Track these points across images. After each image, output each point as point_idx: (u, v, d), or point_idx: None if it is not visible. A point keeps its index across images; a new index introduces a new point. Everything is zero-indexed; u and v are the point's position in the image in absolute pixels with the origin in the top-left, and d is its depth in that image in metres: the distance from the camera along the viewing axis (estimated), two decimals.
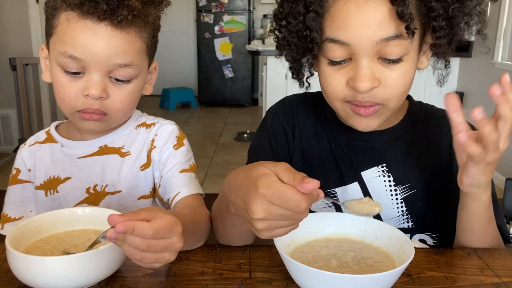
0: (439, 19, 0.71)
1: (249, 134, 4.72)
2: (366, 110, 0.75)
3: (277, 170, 0.56)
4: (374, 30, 0.69)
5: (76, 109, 0.84)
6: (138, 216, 0.58)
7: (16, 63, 3.64)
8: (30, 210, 0.98)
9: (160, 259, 0.60)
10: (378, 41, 0.69)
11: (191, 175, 0.93)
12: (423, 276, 0.71)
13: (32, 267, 0.61)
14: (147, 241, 0.57)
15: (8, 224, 0.97)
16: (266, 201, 0.54)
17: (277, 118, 0.92)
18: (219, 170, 3.73)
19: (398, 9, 0.67)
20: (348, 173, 0.88)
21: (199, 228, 0.80)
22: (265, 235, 0.57)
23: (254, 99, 6.48)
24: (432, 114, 0.90)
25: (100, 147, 0.94)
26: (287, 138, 0.91)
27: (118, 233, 0.56)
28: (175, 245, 0.60)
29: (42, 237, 0.72)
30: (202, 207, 0.88)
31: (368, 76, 0.71)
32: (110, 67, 0.82)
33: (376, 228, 0.74)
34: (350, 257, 0.70)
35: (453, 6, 0.71)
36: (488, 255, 0.78)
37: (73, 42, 0.80)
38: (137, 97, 0.90)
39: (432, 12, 0.71)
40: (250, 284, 0.68)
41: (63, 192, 0.94)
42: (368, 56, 0.71)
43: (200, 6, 6.10)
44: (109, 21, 0.79)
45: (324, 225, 0.76)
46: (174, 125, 0.98)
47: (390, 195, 0.87)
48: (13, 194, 0.98)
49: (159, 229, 0.57)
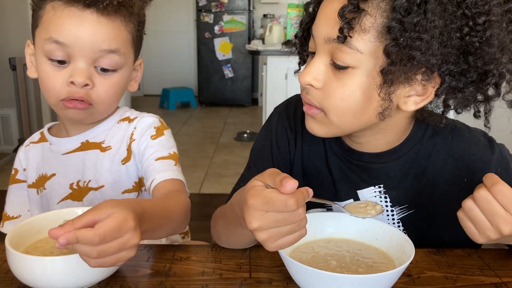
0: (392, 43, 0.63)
1: (249, 134, 4.72)
2: (307, 108, 0.75)
3: (263, 178, 0.58)
4: (326, 27, 0.68)
5: (60, 98, 0.84)
6: (81, 222, 0.55)
7: (16, 63, 3.64)
8: (27, 210, 0.99)
9: (120, 259, 0.58)
10: (326, 39, 0.68)
11: (168, 162, 0.90)
12: (423, 276, 0.71)
13: (32, 267, 0.61)
14: (97, 248, 0.54)
15: (7, 222, 0.99)
16: (257, 210, 0.56)
17: (282, 122, 0.90)
18: (219, 170, 3.73)
19: (340, 9, 0.65)
20: (344, 190, 0.85)
21: (170, 213, 0.77)
22: (271, 247, 0.58)
23: (254, 99, 6.47)
24: (440, 129, 0.82)
25: (82, 143, 0.94)
26: (289, 146, 0.89)
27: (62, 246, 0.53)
28: (130, 242, 0.57)
29: (42, 237, 0.72)
30: (180, 192, 0.85)
31: (311, 72, 0.71)
32: (97, 54, 0.82)
33: (376, 229, 0.74)
34: (349, 258, 0.70)
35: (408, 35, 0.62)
36: (488, 255, 0.78)
37: (59, 29, 0.80)
38: (121, 90, 0.90)
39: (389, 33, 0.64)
40: (250, 284, 0.68)
41: (49, 189, 0.95)
42: (320, 54, 0.71)
43: (200, 6, 6.09)
44: (94, 7, 0.80)
45: (324, 226, 0.76)
46: (156, 117, 0.97)
47: (387, 215, 0.84)
48: (12, 193, 1.01)
49: (105, 233, 0.54)
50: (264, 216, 0.55)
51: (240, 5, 6.06)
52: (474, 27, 0.64)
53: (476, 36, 0.64)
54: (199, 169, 3.70)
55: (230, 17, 6.10)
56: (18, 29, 3.76)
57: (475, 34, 0.64)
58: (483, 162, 0.80)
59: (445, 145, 0.82)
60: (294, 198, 0.54)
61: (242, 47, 6.06)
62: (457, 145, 0.81)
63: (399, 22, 0.63)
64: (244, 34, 6.15)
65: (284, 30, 4.17)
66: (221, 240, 0.80)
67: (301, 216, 0.56)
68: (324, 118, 0.74)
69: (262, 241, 0.58)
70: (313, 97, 0.73)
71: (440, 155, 0.82)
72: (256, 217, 0.56)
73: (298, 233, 0.58)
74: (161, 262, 0.74)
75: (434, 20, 0.62)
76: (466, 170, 0.80)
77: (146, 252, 0.77)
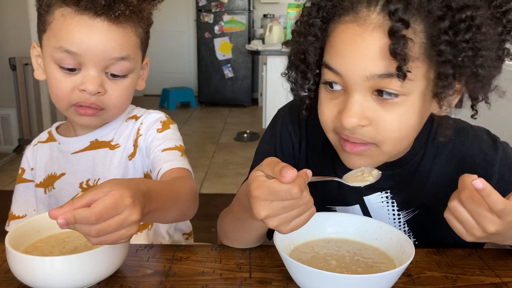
0: (447, 65, 0.62)
1: (249, 134, 4.71)
2: (352, 147, 0.69)
3: (263, 169, 0.59)
4: (367, 65, 0.62)
5: (71, 103, 0.84)
6: (80, 202, 0.55)
7: (15, 63, 3.64)
8: (33, 209, 1.00)
9: (121, 236, 0.58)
10: (369, 77, 0.63)
11: (175, 152, 0.89)
12: (423, 276, 0.71)
13: (31, 267, 0.61)
14: (95, 226, 0.55)
15: (13, 222, 0.99)
16: (262, 200, 0.57)
17: (286, 127, 0.88)
18: (219, 170, 3.73)
19: (391, 47, 0.60)
20: (351, 196, 0.84)
21: (178, 195, 0.76)
22: (285, 230, 0.60)
23: (254, 99, 6.47)
24: (443, 130, 0.80)
25: (92, 142, 0.94)
26: (294, 151, 0.88)
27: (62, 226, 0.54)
28: (129, 219, 0.57)
29: (41, 237, 0.73)
30: (187, 178, 0.84)
31: (356, 113, 0.65)
32: (107, 62, 0.82)
33: (376, 228, 0.74)
34: (349, 258, 0.70)
35: (464, 54, 0.61)
36: (488, 255, 0.78)
37: (69, 37, 0.79)
38: (132, 92, 0.90)
39: (440, 57, 0.61)
40: (250, 284, 0.68)
41: (58, 188, 0.95)
42: (360, 91, 0.65)
43: (200, 6, 6.09)
44: (105, 16, 0.79)
45: (324, 225, 0.76)
46: (162, 113, 0.97)
47: (393, 219, 0.84)
48: (18, 192, 1.01)
49: (101, 212, 0.54)
50: (271, 205, 0.57)
51: (240, 5, 6.06)
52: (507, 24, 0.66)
53: (509, 33, 0.66)
54: (199, 169, 3.70)
55: (230, 17, 6.09)
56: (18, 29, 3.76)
57: (507, 31, 0.66)
58: (487, 161, 0.80)
59: (449, 145, 0.81)
60: (297, 185, 0.55)
61: (242, 47, 6.06)
62: (461, 144, 0.81)
63: (450, 43, 0.60)
64: (244, 34, 6.14)
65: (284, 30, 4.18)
66: (228, 237, 0.80)
67: (307, 198, 0.58)
68: (374, 151, 0.70)
69: (274, 227, 0.59)
70: (363, 135, 0.67)
71: (444, 155, 0.81)
72: (263, 207, 0.57)
73: (308, 213, 0.60)
74: (161, 262, 0.74)
75: (487, 31, 0.61)
76: (469, 169, 0.80)
77: (146, 252, 0.77)
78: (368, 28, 0.62)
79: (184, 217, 0.82)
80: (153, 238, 0.97)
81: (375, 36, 0.61)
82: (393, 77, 0.61)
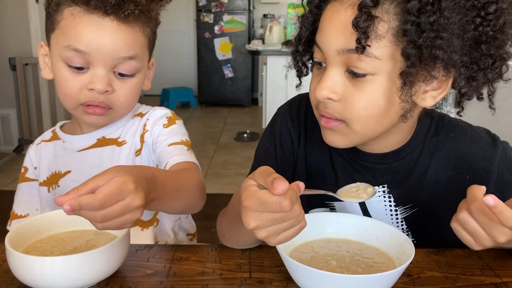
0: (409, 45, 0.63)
1: (249, 134, 4.71)
2: (326, 122, 0.73)
3: (255, 178, 0.59)
4: (338, 39, 0.67)
5: (79, 102, 0.85)
6: (85, 188, 0.56)
7: (15, 63, 3.64)
8: (36, 208, 1.00)
9: (126, 221, 0.58)
10: (339, 51, 0.67)
11: (181, 147, 0.90)
12: (423, 276, 0.71)
13: (31, 267, 0.61)
14: (100, 212, 0.56)
15: (15, 221, 0.99)
16: (252, 211, 0.56)
17: (285, 123, 0.89)
18: (219, 170, 3.73)
19: (354, 20, 0.63)
20: None
21: (184, 184, 0.77)
22: (273, 242, 0.59)
23: (254, 99, 6.47)
24: (442, 126, 0.83)
25: (98, 139, 0.95)
26: (293, 146, 0.89)
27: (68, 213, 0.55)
28: (133, 204, 0.57)
29: (41, 237, 0.72)
30: (194, 171, 0.85)
31: (327, 86, 0.69)
32: (115, 61, 0.82)
33: (376, 229, 0.74)
34: (349, 258, 0.70)
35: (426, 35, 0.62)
36: (488, 255, 0.78)
37: (78, 36, 0.80)
38: (139, 92, 0.91)
39: (406, 36, 0.63)
40: (250, 284, 0.68)
41: (63, 186, 0.95)
42: (333, 66, 0.69)
43: (200, 6, 6.09)
44: (114, 15, 0.80)
45: (324, 226, 0.76)
46: (167, 110, 0.98)
47: (390, 215, 0.84)
48: (20, 192, 1.01)
49: (105, 198, 0.55)
50: (261, 216, 0.56)
51: (240, 5, 6.06)
52: (486, 16, 0.65)
53: (489, 25, 0.65)
54: None
55: (230, 17, 6.09)
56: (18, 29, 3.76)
57: (487, 24, 0.65)
58: (486, 160, 0.80)
59: (447, 143, 0.82)
60: (288, 198, 0.54)
61: (242, 47, 6.06)
62: (459, 143, 0.81)
63: (415, 23, 0.62)
64: (244, 34, 6.14)
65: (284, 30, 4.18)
66: (226, 238, 0.81)
67: (297, 211, 0.57)
68: (345, 129, 0.72)
69: (262, 238, 0.58)
70: (333, 110, 0.71)
71: (442, 153, 0.81)
72: (253, 217, 0.56)
73: (298, 226, 0.59)
74: (161, 262, 0.74)
75: (451, 16, 0.62)
76: (468, 168, 0.80)
77: (146, 252, 0.77)
78: (345, 5, 0.66)
79: (191, 208, 0.82)
80: (159, 235, 0.98)
81: (349, 13, 0.65)
82: (361, 53, 0.64)
